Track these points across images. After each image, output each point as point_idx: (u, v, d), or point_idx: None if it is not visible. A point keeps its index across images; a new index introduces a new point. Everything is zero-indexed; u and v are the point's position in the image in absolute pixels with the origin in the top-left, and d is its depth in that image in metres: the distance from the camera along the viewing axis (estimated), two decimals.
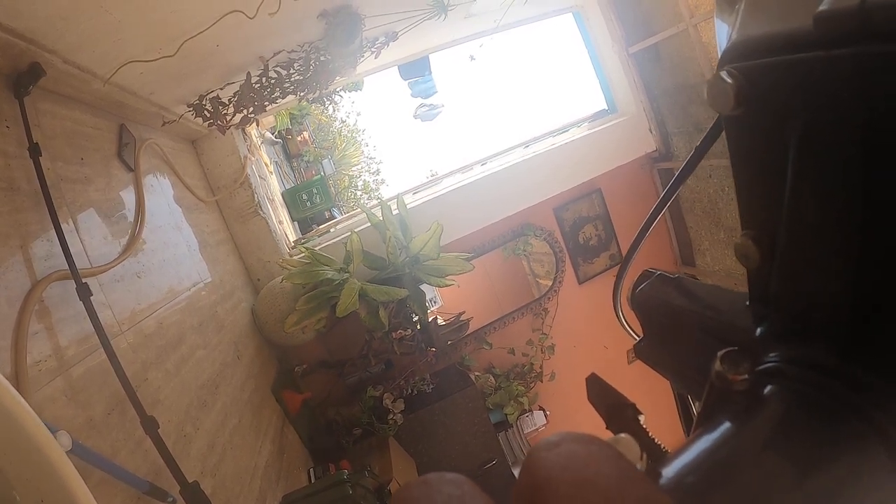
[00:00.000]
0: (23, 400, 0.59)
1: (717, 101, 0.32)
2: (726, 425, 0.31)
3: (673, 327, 0.52)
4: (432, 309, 4.57)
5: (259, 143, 4.24)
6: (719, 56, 0.34)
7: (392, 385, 3.56)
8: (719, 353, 0.32)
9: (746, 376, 0.31)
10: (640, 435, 0.29)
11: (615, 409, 0.32)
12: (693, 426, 0.34)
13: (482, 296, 4.68)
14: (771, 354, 0.35)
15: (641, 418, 0.31)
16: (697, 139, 4.02)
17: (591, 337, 4.37)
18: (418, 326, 3.64)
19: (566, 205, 4.28)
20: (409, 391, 3.55)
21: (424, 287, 3.54)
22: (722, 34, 0.38)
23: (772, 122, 0.31)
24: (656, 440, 0.30)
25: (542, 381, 4.25)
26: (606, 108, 4.53)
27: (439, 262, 3.44)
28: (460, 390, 3.51)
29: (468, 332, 4.13)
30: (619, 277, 0.70)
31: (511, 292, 4.66)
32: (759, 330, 0.39)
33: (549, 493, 0.19)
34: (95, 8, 1.56)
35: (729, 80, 0.31)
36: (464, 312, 4.16)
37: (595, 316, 4.33)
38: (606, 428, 0.31)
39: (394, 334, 3.59)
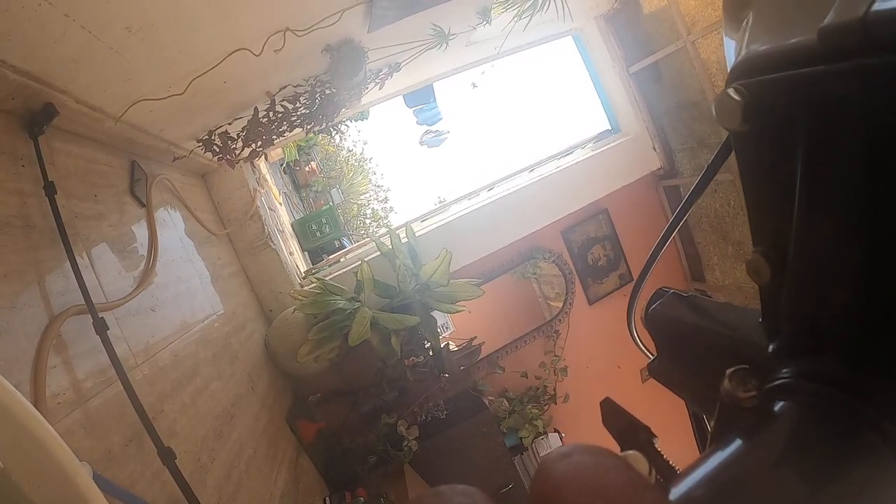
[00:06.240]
0: (49, 426, 0.61)
1: (726, 118, 0.33)
2: (737, 442, 0.31)
3: (686, 345, 0.52)
4: (444, 335, 4.55)
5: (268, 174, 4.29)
6: (728, 73, 0.34)
7: (406, 412, 3.54)
8: (728, 372, 0.32)
9: (755, 393, 0.31)
10: (655, 457, 0.29)
11: (629, 432, 0.32)
12: (706, 445, 0.34)
13: (493, 320, 4.65)
14: (783, 370, 0.35)
15: (656, 441, 0.31)
16: (701, 155, 4.01)
17: (604, 357, 4.34)
18: (431, 353, 3.62)
19: (574, 226, 4.29)
20: (424, 418, 3.52)
21: (435, 313, 3.53)
22: (730, 50, 0.38)
23: (779, 138, 0.32)
24: (670, 462, 0.30)
25: (556, 404, 4.22)
26: (610, 128, 4.57)
27: (449, 289, 3.45)
28: (474, 415, 3.51)
29: (480, 356, 4.12)
30: (632, 297, 0.70)
31: (522, 316, 4.62)
32: (771, 346, 0.39)
33: (558, 500, 0.20)
34: (105, 49, 1.61)
35: (736, 98, 0.32)
36: (476, 337, 4.15)
37: (606, 336, 4.30)
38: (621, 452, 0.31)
39: (406, 361, 3.58)
